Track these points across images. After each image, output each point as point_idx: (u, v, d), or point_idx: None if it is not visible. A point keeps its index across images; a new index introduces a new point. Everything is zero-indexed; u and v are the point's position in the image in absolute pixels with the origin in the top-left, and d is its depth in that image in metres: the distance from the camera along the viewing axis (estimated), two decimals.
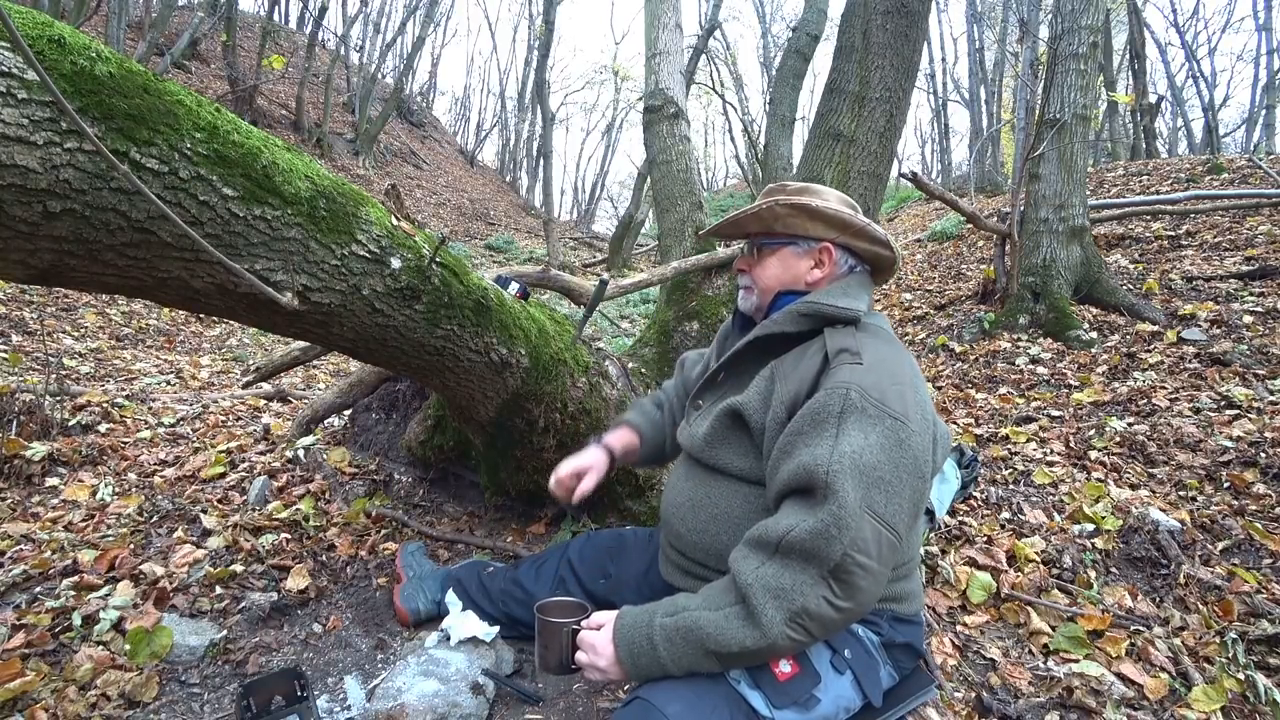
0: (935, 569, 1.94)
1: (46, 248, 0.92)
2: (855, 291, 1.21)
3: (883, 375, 1.04)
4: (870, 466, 0.97)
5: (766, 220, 1.25)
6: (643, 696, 1.02)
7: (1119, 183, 8.07)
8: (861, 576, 0.94)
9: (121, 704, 1.38)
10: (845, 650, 1.09)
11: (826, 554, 0.94)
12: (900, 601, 1.17)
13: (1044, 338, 4.20)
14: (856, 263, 1.27)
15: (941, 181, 16.00)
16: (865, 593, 0.96)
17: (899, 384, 1.04)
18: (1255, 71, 16.50)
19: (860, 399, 1.00)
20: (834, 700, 1.06)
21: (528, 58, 23.83)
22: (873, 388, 1.01)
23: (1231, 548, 2.01)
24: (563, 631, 1.10)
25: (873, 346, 1.10)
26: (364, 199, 1.30)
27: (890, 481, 0.97)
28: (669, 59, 3.48)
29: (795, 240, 1.25)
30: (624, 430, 1.52)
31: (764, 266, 1.27)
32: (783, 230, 1.25)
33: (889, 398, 1.01)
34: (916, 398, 1.05)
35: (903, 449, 0.99)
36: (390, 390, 2.47)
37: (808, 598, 0.94)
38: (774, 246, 1.26)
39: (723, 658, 0.99)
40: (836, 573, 0.94)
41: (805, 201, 1.21)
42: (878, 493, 0.96)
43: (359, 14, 19.34)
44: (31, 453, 2.41)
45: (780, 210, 1.22)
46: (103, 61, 0.90)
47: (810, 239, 1.24)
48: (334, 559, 1.94)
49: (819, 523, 0.94)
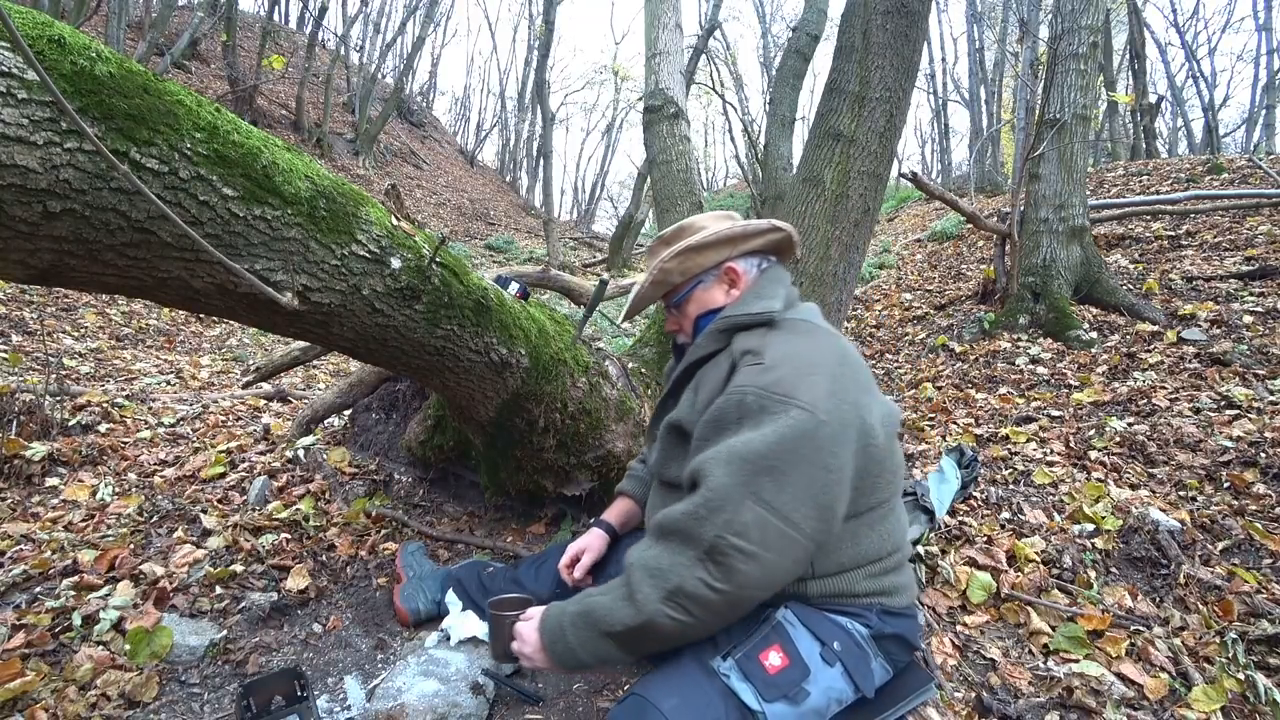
0: (935, 569, 1.94)
1: (46, 248, 0.92)
2: (768, 291, 1.24)
3: (786, 369, 1.06)
4: (757, 454, 0.99)
5: (665, 280, 1.31)
6: (638, 693, 1.04)
7: (1119, 183, 8.07)
8: (739, 559, 0.97)
9: (121, 704, 1.38)
10: (834, 642, 1.10)
11: (699, 535, 0.98)
12: (889, 595, 1.17)
13: (1044, 338, 4.20)
14: (761, 260, 1.32)
15: (941, 181, 16.00)
16: (745, 576, 0.97)
17: (808, 374, 1.05)
18: (1255, 71, 16.51)
19: (756, 399, 1.03)
20: (824, 692, 1.06)
21: (528, 58, 23.84)
22: (773, 384, 1.04)
23: (1231, 548, 2.01)
24: (506, 623, 1.21)
25: (780, 342, 1.13)
26: (364, 199, 1.30)
27: (783, 470, 0.98)
28: (669, 59, 3.48)
29: (699, 279, 1.30)
30: (620, 501, 1.55)
31: (687, 316, 1.33)
32: (682, 279, 1.30)
33: (793, 389, 1.03)
34: (832, 385, 1.05)
35: (805, 439, 0.99)
36: (390, 390, 2.47)
37: (683, 578, 0.98)
38: (686, 296, 1.32)
39: (614, 638, 1.04)
40: (712, 554, 0.97)
41: (684, 245, 1.27)
42: (766, 480, 0.98)
43: (359, 14, 19.34)
44: (31, 453, 2.41)
45: (669, 266, 1.28)
46: (103, 61, 0.90)
47: (710, 269, 1.29)
48: (334, 559, 1.94)
49: (690, 505, 1.00)
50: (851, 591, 1.14)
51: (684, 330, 1.35)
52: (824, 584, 1.13)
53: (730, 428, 1.05)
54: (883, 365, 4.76)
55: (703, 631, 1.05)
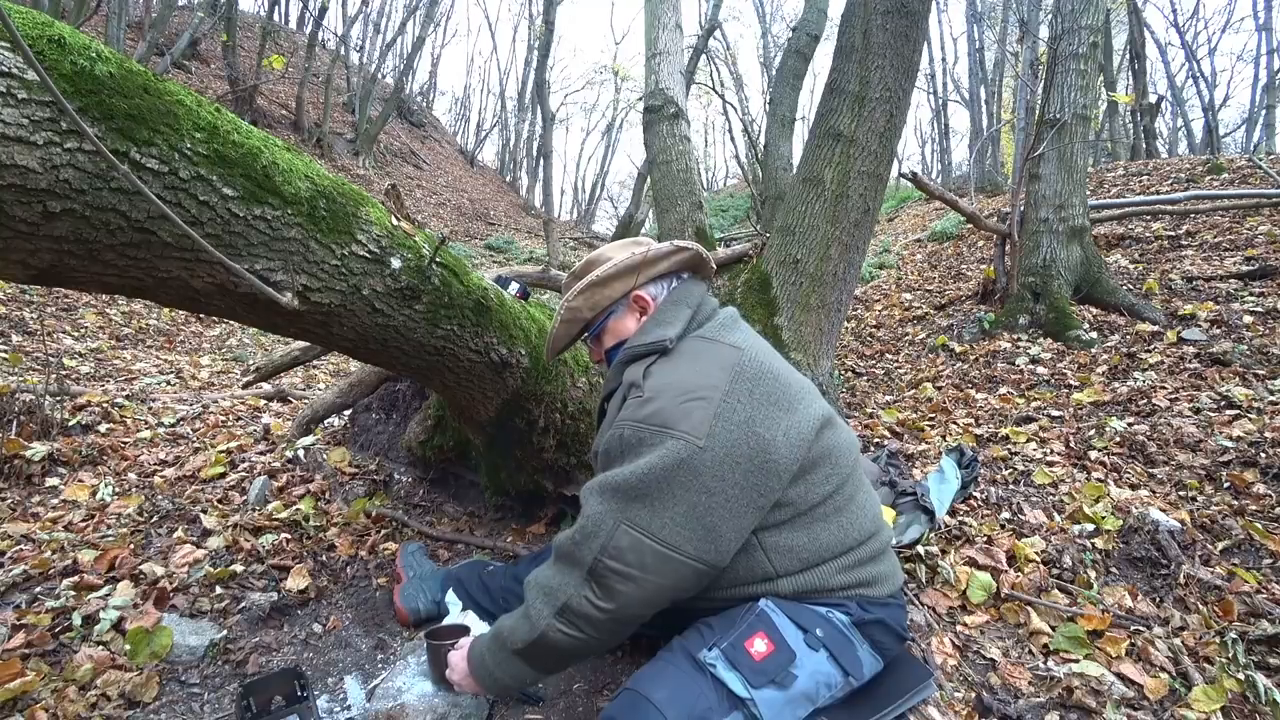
0: (935, 569, 1.94)
1: (46, 248, 0.92)
2: (668, 316, 1.24)
3: (665, 399, 1.08)
4: (627, 484, 1.04)
5: (577, 318, 1.32)
6: (630, 687, 1.06)
7: (1119, 183, 8.07)
8: (617, 580, 1.03)
9: (121, 704, 1.38)
10: (816, 629, 1.11)
11: (579, 557, 1.05)
12: (868, 586, 1.18)
13: (1044, 338, 4.20)
14: (670, 281, 1.31)
15: (941, 181, 15.99)
16: (625, 596, 1.03)
17: (687, 401, 1.06)
18: (1255, 71, 16.51)
19: (634, 432, 1.07)
20: (812, 676, 1.07)
21: (528, 58, 23.83)
22: (649, 416, 1.07)
23: (1231, 548, 2.01)
24: (440, 651, 1.30)
25: (663, 371, 1.14)
26: (364, 199, 1.30)
27: (655, 496, 1.02)
28: (669, 59, 3.48)
29: (610, 310, 1.31)
30: None
31: (603, 347, 1.34)
32: (594, 314, 1.31)
33: (669, 419, 1.05)
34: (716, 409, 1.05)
35: (680, 467, 1.02)
36: (390, 390, 2.47)
37: (570, 595, 1.05)
38: (600, 329, 1.33)
39: (520, 655, 1.11)
40: (593, 575, 1.04)
41: (587, 281, 1.28)
42: (640, 507, 1.03)
43: (359, 14, 19.35)
44: (31, 453, 2.41)
45: (576, 304, 1.30)
46: (103, 61, 0.90)
47: (619, 300, 1.30)
48: (334, 559, 1.94)
49: (572, 531, 1.08)
50: (827, 586, 1.14)
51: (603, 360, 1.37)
52: (795, 580, 1.14)
53: (615, 462, 1.09)
54: (883, 365, 4.76)
55: (596, 647, 1.11)
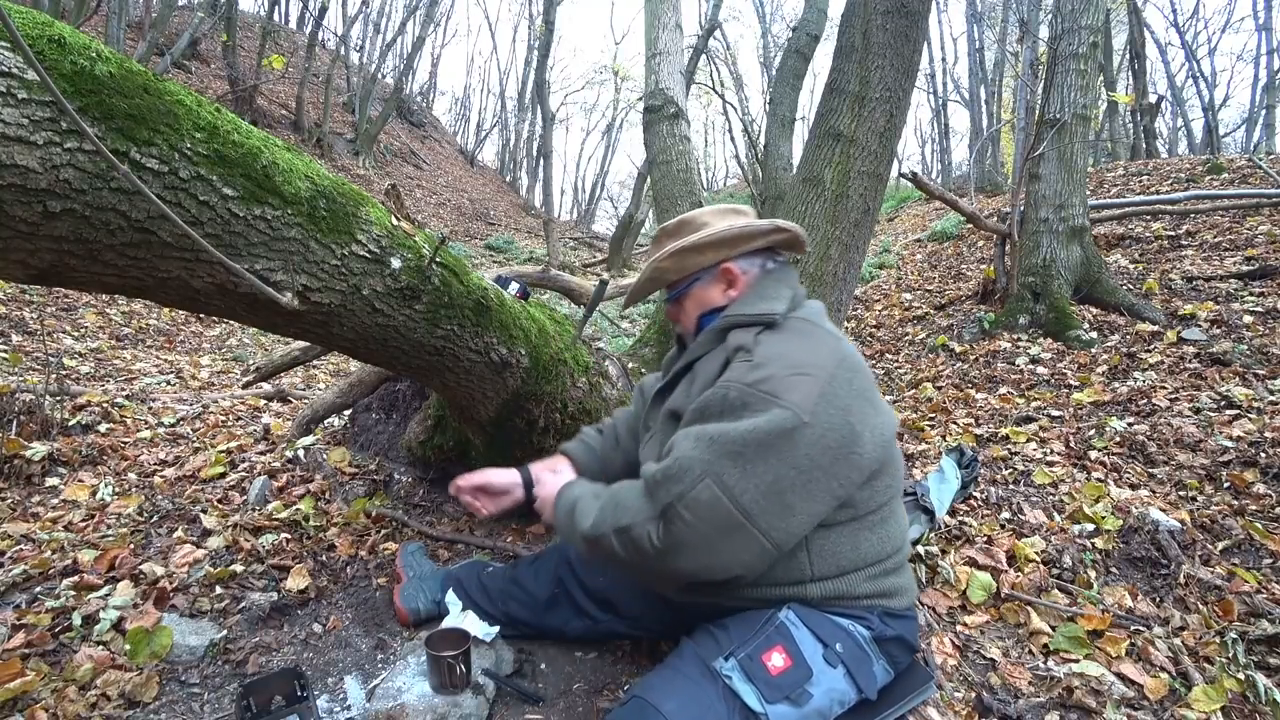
0: (935, 569, 1.94)
1: (46, 248, 0.92)
2: (771, 291, 1.24)
3: (775, 368, 1.06)
4: (727, 439, 1.01)
5: (661, 277, 1.33)
6: (639, 695, 1.04)
7: (1119, 183, 8.07)
8: (682, 529, 1.01)
9: (121, 704, 1.38)
10: (836, 644, 1.10)
11: (657, 496, 1.04)
12: (890, 597, 1.17)
13: (1044, 338, 4.20)
14: (766, 259, 1.30)
15: (941, 181, 15.99)
16: (683, 550, 1.02)
17: (797, 375, 1.05)
18: (1255, 71, 16.52)
19: (739, 394, 1.05)
20: (827, 694, 1.07)
21: (528, 58, 23.83)
22: (758, 381, 1.05)
23: (1231, 548, 2.01)
24: (441, 660, 1.33)
25: (774, 342, 1.13)
26: (364, 199, 1.30)
27: (749, 459, 0.99)
28: (669, 59, 3.48)
29: (697, 277, 1.30)
30: (556, 459, 1.55)
31: (685, 311, 1.34)
32: (679, 276, 1.31)
33: (778, 388, 1.03)
34: (822, 388, 1.04)
35: (781, 435, 1.00)
36: (390, 390, 2.47)
37: (634, 522, 1.05)
38: (683, 292, 1.32)
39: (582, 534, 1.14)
40: (663, 517, 1.03)
41: (680, 245, 1.28)
42: (730, 464, 1.00)
43: (359, 14, 19.35)
44: (31, 453, 2.41)
45: (666, 264, 1.30)
46: (103, 61, 0.90)
47: (707, 268, 1.29)
48: (334, 559, 1.94)
49: (658, 467, 1.06)
50: (853, 594, 1.14)
51: (683, 324, 1.36)
52: (824, 586, 1.13)
53: (711, 419, 1.07)
54: (883, 365, 4.76)
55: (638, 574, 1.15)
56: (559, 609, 1.54)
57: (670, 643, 1.44)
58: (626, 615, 1.48)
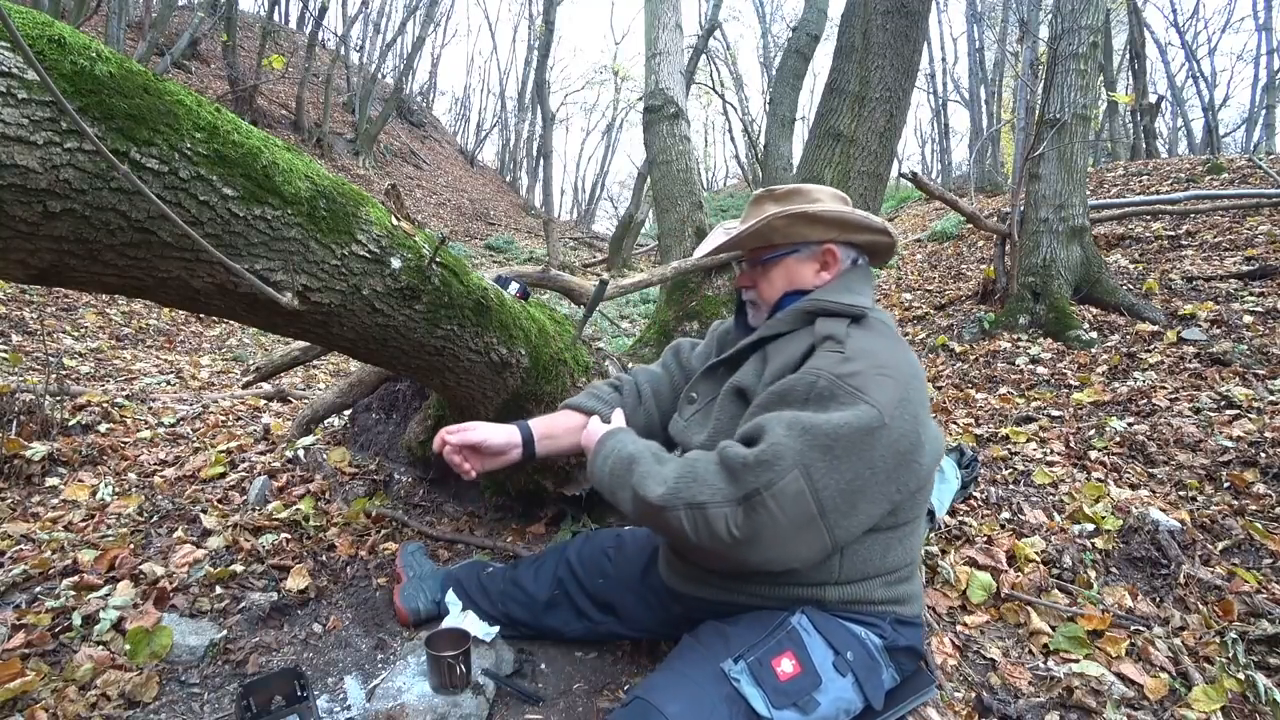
0: (935, 569, 1.94)
1: (46, 248, 0.92)
2: (859, 286, 1.21)
3: (864, 364, 1.04)
4: (821, 432, 0.97)
5: (765, 235, 1.23)
6: (642, 696, 1.03)
7: (1119, 183, 8.07)
8: (764, 520, 0.96)
9: (121, 704, 1.38)
10: (848, 652, 1.09)
11: (743, 480, 0.97)
12: (903, 604, 1.17)
13: (1044, 338, 4.20)
14: (857, 254, 1.27)
15: (941, 181, 15.99)
16: (761, 539, 0.97)
17: (883, 375, 1.03)
18: (1255, 71, 16.53)
19: (829, 384, 1.01)
20: (834, 702, 1.06)
21: (528, 58, 23.83)
22: (848, 375, 1.02)
23: (1231, 548, 2.01)
24: (441, 660, 1.33)
25: (863, 338, 1.10)
26: (364, 199, 1.30)
27: (837, 455, 0.96)
28: (669, 59, 3.48)
29: (797, 248, 1.24)
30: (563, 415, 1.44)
31: (769, 281, 1.26)
32: (783, 240, 1.24)
33: (865, 385, 1.01)
34: (902, 393, 1.02)
35: (865, 434, 0.97)
36: (390, 390, 2.47)
37: (714, 502, 0.98)
38: (777, 259, 1.25)
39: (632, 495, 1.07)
40: (746, 502, 0.96)
41: (802, 209, 1.20)
42: (820, 458, 0.96)
43: (359, 14, 19.35)
44: (31, 453, 2.40)
45: (777, 225, 1.21)
46: (103, 61, 0.90)
47: (812, 243, 1.23)
48: (334, 559, 1.94)
49: (748, 452, 0.98)
50: (869, 599, 1.14)
51: (761, 293, 1.28)
52: (844, 590, 1.13)
53: (795, 405, 1.03)
54: None
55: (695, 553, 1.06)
56: (558, 610, 1.53)
57: (670, 643, 1.43)
58: (626, 617, 1.47)
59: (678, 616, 1.33)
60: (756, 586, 1.15)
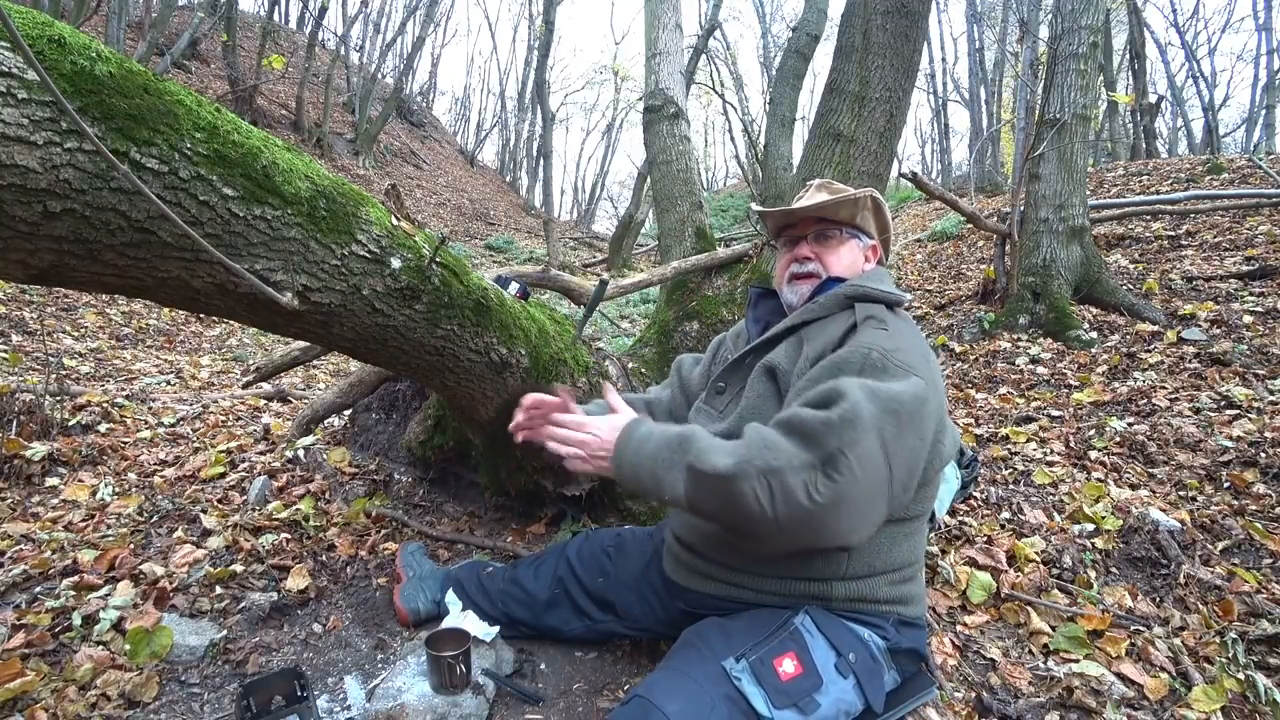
0: (935, 569, 1.94)
1: (46, 248, 0.92)
2: (887, 282, 1.28)
3: (907, 343, 1.09)
4: (890, 397, 0.97)
5: (853, 210, 1.32)
6: (642, 695, 1.03)
7: (1119, 183, 8.07)
8: (848, 482, 0.91)
9: (121, 704, 1.38)
10: (850, 654, 1.09)
11: (824, 441, 0.92)
12: (906, 604, 1.18)
13: (1044, 338, 4.20)
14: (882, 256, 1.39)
15: (941, 181, 15.98)
16: (843, 501, 0.91)
17: (922, 356, 1.08)
18: (1255, 71, 16.52)
19: (881, 357, 1.04)
20: (834, 704, 1.06)
21: (528, 58, 23.82)
22: (896, 351, 1.05)
23: (1231, 548, 2.01)
24: (441, 660, 1.33)
25: (900, 323, 1.16)
26: (364, 199, 1.30)
27: (903, 421, 0.96)
28: (669, 59, 3.48)
29: (860, 234, 1.34)
30: None
31: (838, 256, 1.31)
32: (857, 223, 1.33)
33: (912, 361, 1.05)
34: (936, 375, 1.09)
35: (922, 404, 1.00)
36: (390, 390, 2.47)
37: (791, 468, 0.92)
38: (849, 237, 1.33)
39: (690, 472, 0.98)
40: (828, 464, 0.92)
41: (881, 201, 1.34)
42: (890, 421, 0.95)
43: (359, 14, 19.34)
44: (31, 453, 2.40)
45: (870, 205, 1.32)
46: (103, 61, 0.90)
47: (869, 235, 1.35)
48: (334, 559, 1.94)
49: (826, 413, 0.95)
50: (874, 597, 1.14)
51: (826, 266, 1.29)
52: (850, 586, 1.13)
53: (850, 372, 1.04)
54: None
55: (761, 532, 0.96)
56: (558, 609, 1.54)
57: (670, 642, 1.43)
58: (626, 616, 1.48)
59: (679, 614, 1.33)
60: (763, 581, 1.16)
